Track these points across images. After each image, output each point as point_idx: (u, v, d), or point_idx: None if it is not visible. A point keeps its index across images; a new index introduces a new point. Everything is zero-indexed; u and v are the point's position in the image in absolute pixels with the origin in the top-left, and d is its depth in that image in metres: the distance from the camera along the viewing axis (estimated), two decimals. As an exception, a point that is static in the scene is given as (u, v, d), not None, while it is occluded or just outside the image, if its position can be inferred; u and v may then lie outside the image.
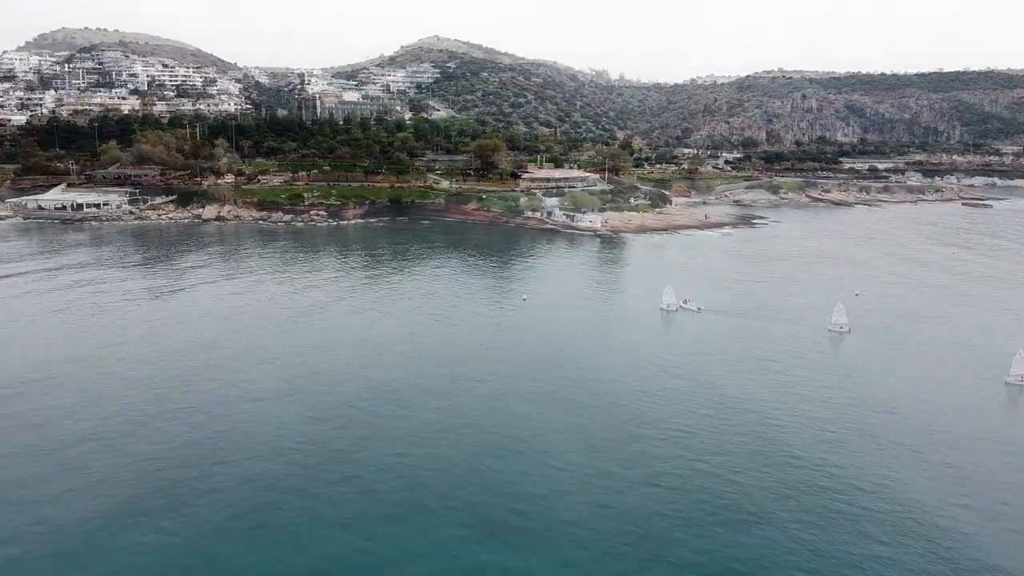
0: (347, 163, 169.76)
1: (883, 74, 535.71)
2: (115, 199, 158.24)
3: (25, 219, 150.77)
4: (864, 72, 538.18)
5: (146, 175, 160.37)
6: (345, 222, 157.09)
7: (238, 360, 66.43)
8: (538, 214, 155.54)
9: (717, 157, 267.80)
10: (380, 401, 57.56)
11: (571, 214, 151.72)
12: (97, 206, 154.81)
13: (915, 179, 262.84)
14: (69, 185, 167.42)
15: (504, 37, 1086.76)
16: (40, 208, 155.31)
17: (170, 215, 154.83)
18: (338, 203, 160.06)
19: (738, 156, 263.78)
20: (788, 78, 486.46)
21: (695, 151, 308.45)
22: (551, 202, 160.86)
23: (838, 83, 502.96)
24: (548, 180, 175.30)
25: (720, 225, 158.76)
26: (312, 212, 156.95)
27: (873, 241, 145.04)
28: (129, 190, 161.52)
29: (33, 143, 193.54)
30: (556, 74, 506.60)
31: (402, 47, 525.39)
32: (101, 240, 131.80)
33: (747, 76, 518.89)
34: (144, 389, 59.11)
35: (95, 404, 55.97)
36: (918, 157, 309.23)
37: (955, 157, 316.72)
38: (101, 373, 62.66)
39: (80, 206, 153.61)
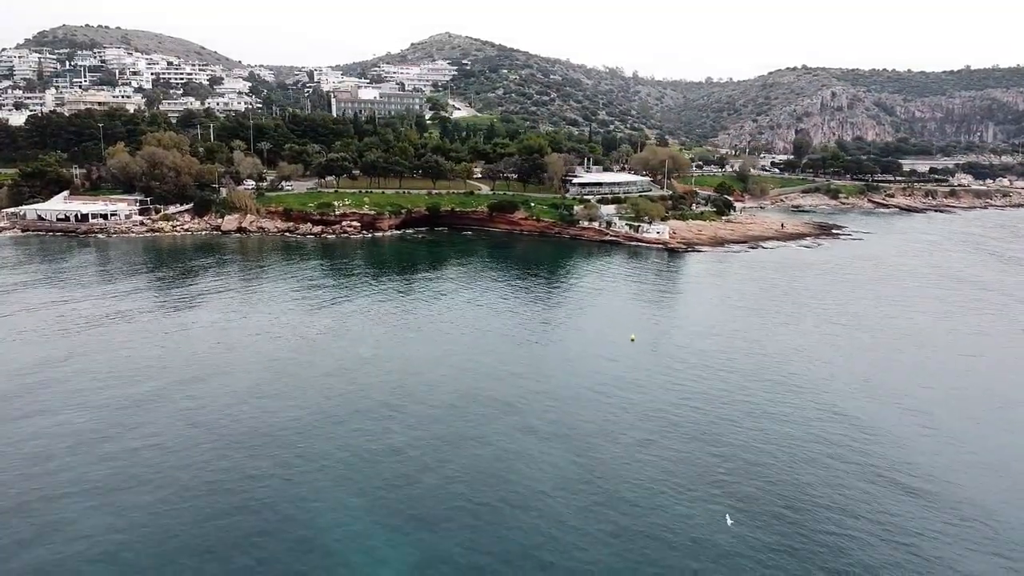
0: (381, 167, 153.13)
1: (910, 71, 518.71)
2: (124, 208, 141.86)
3: (24, 231, 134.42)
4: (891, 69, 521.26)
5: (158, 182, 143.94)
6: (380, 234, 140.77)
7: (303, 427, 50.24)
8: (596, 224, 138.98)
9: (760, 158, 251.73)
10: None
11: (634, 224, 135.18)
12: (104, 216, 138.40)
13: (966, 181, 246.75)
14: (72, 192, 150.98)
15: (514, 35, 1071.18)
16: (40, 219, 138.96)
17: (186, 226, 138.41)
18: (372, 212, 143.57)
19: (787, 158, 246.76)
20: (814, 75, 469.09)
21: (727, 151, 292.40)
22: (607, 210, 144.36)
23: (865, 80, 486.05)
24: (600, 185, 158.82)
25: (800, 236, 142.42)
26: (344, 223, 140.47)
27: (985, 255, 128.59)
28: (139, 198, 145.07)
29: (32, 145, 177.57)
30: (571, 71, 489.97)
31: (412, 44, 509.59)
32: (108, 256, 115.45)
33: (770, 73, 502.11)
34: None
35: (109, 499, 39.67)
36: (967, 159, 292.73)
37: (1004, 158, 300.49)
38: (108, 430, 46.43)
39: (85, 216, 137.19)
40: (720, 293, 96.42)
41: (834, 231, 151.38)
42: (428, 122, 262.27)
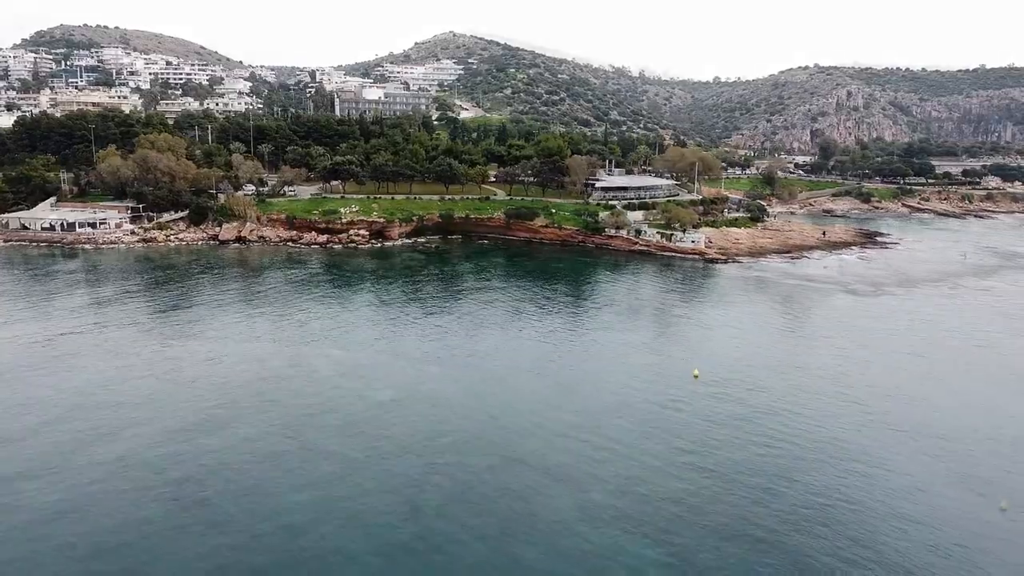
0: (390, 171, 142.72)
1: (924, 70, 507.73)
2: (114, 216, 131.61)
3: (6, 242, 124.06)
4: (904, 68, 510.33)
5: (151, 188, 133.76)
6: (390, 243, 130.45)
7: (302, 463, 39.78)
8: (624, 232, 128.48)
9: (786, 160, 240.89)
10: None
11: (667, 232, 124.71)
12: (93, 225, 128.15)
13: (995, 183, 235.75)
14: (60, 199, 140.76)
15: (518, 34, 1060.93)
16: (24, 228, 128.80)
17: (181, 236, 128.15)
18: (381, 220, 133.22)
19: (809, 160, 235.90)
20: (828, 73, 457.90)
21: (745, 151, 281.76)
22: (634, 217, 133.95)
23: (880, 79, 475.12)
24: (625, 189, 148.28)
25: (845, 245, 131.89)
26: (351, 231, 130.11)
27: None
28: (131, 205, 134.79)
29: (21, 148, 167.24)
30: (578, 71, 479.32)
31: (416, 43, 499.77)
32: (93, 270, 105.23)
33: (781, 72, 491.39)
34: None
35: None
36: (993, 160, 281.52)
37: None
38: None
39: (72, 225, 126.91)
40: (781, 315, 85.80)
41: (878, 239, 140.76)
42: (435, 123, 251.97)
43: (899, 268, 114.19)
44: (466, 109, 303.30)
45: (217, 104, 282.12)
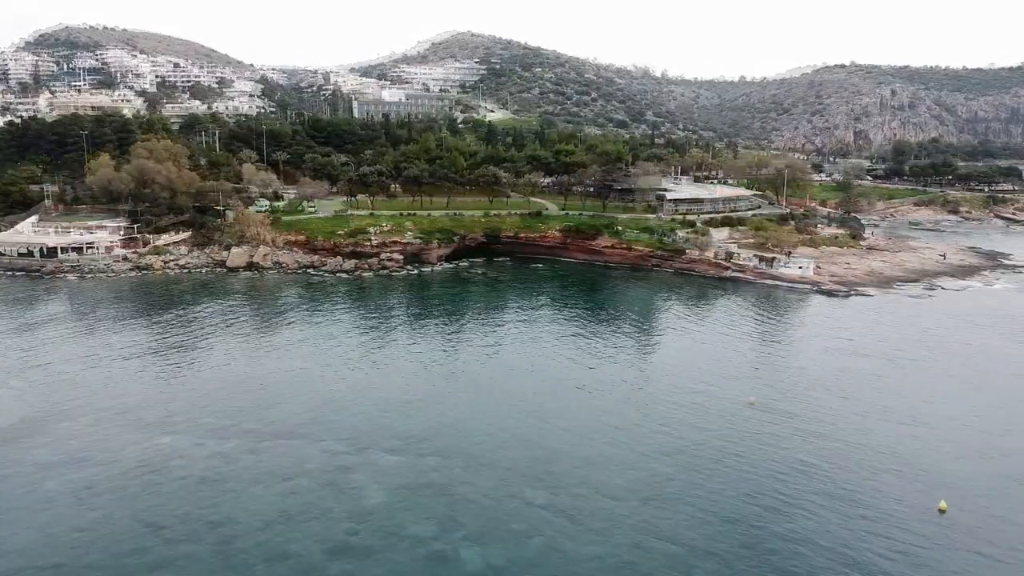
0: (426, 182, 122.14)
1: (965, 68, 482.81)
2: (104, 237, 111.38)
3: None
4: (944, 66, 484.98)
5: (148, 203, 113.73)
6: (428, 268, 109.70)
7: None
8: (709, 254, 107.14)
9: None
10: None
11: (766, 256, 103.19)
12: (79, 250, 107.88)
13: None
14: (44, 216, 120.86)
15: (530, 35, 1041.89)
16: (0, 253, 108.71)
17: (182, 261, 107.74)
18: (418, 241, 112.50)
19: (881, 165, 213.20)
20: (867, 72, 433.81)
21: (800, 155, 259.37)
22: (718, 235, 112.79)
23: (921, 78, 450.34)
24: (700, 201, 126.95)
25: (974, 270, 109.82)
26: (383, 255, 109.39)
27: None
28: (124, 224, 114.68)
29: (9, 155, 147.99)
30: (602, 71, 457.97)
31: (432, 44, 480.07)
32: (80, 306, 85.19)
33: (816, 71, 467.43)
34: None
35: None
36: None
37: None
38: None
39: (53, 251, 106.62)
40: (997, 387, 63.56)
41: (1004, 260, 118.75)
42: (460, 125, 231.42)
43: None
44: (492, 111, 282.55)
45: (226, 107, 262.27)
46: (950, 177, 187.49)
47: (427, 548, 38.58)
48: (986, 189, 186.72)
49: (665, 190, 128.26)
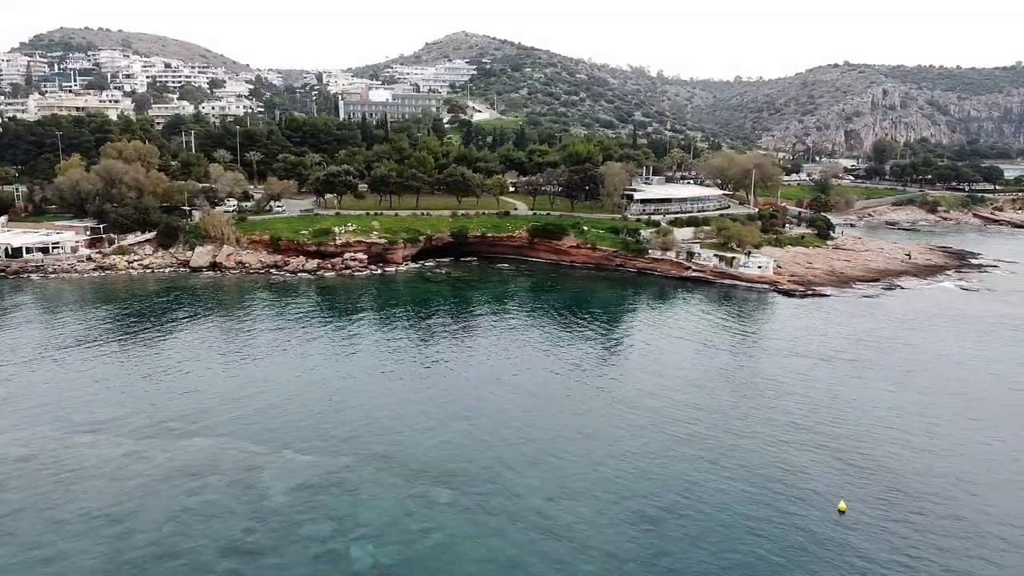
0: (393, 182, 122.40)
1: (959, 67, 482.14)
2: (70, 239, 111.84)
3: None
4: (938, 65, 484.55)
5: (115, 204, 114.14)
6: (393, 268, 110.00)
7: None
8: (672, 254, 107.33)
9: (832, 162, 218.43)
10: None
11: (726, 256, 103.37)
12: (44, 250, 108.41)
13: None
14: (12, 218, 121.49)
15: (530, 35, 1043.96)
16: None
17: (146, 261, 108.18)
18: (383, 241, 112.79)
19: (855, 164, 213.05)
20: (860, 71, 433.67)
21: (784, 154, 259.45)
22: (682, 235, 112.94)
23: (914, 77, 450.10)
24: (668, 201, 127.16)
25: (937, 269, 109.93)
26: (346, 255, 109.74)
27: None
28: (90, 225, 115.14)
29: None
30: (595, 71, 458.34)
31: (427, 44, 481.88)
32: (42, 307, 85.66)
33: (809, 70, 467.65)
34: None
35: None
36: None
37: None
38: None
39: (18, 251, 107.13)
40: (941, 391, 63.48)
41: (971, 260, 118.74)
42: (447, 126, 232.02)
43: (1010, 300, 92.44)
44: (480, 111, 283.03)
45: (213, 108, 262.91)
46: (930, 177, 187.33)
47: (320, 547, 38.85)
48: (966, 189, 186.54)
49: (633, 190, 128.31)
